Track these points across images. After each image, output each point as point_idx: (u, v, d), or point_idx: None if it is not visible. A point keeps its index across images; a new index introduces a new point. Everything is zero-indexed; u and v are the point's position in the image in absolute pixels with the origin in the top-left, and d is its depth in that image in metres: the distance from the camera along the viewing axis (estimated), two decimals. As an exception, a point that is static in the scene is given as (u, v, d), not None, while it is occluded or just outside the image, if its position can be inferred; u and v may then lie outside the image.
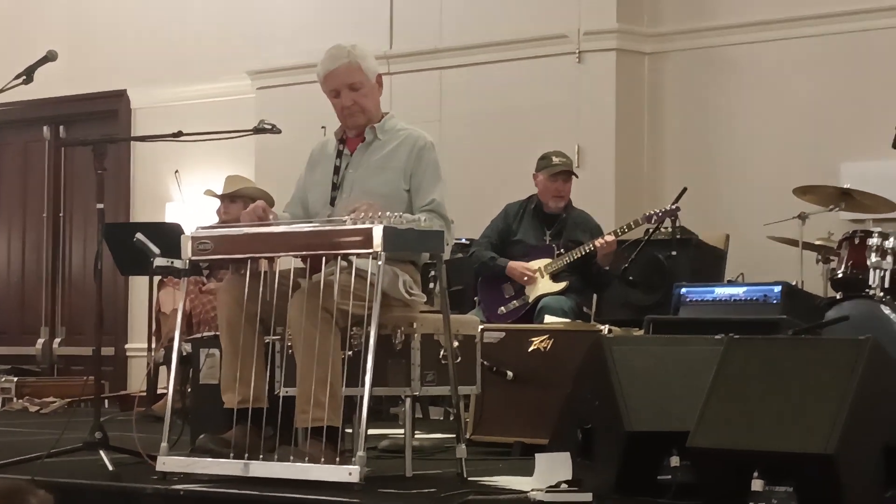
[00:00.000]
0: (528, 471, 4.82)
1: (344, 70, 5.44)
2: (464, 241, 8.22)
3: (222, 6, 10.99)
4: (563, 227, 7.69)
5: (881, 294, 6.76)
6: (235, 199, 8.33)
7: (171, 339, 5.45)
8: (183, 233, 5.28)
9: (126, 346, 11.33)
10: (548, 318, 6.98)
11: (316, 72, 5.54)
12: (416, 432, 5.89)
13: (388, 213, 4.85)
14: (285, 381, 5.12)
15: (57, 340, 11.94)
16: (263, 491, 4.64)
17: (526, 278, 7.52)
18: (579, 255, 7.48)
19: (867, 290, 6.79)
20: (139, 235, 5.27)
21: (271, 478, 4.77)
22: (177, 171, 9.26)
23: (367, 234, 4.77)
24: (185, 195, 9.34)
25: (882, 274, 6.79)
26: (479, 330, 5.48)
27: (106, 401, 9.29)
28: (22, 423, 8.53)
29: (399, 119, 5.59)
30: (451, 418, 5.50)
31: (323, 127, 7.70)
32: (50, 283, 12.05)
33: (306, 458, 4.79)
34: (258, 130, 5.51)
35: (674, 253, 7.67)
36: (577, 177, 7.80)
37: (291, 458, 4.82)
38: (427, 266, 5.77)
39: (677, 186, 7.83)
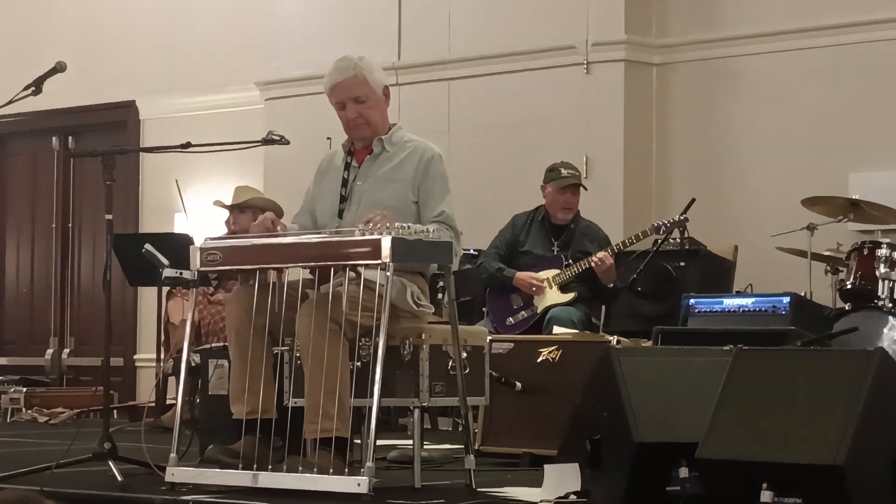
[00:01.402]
0: (537, 482, 4.82)
1: (349, 83, 5.41)
2: (472, 251, 8.21)
3: (231, 17, 11.00)
4: (570, 238, 7.68)
5: (890, 305, 6.76)
6: (244, 210, 8.33)
7: (180, 350, 5.44)
8: (192, 243, 5.29)
9: (135, 356, 11.32)
10: (556, 329, 6.97)
11: (323, 83, 5.54)
12: (424, 443, 5.88)
13: (396, 224, 4.85)
14: (294, 391, 5.11)
15: (66, 351, 11.94)
16: (272, 502, 4.65)
17: (534, 288, 7.50)
18: (587, 266, 7.46)
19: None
20: (148, 246, 5.27)
21: (280, 489, 4.77)
22: (177, 180, 9.17)
23: (376, 244, 4.77)
24: (186, 204, 9.25)
25: (891, 285, 6.81)
26: (488, 341, 5.47)
27: (115, 411, 9.27)
28: (31, 433, 8.53)
29: (407, 130, 5.58)
30: (460, 429, 5.51)
31: (328, 138, 7.70)
32: (59, 294, 12.05)
33: (315, 469, 4.79)
34: (267, 141, 5.50)
35: (682, 264, 7.66)
36: (585, 189, 7.80)
37: (300, 469, 4.83)
38: (435, 277, 5.76)
39: (685, 197, 7.83)
